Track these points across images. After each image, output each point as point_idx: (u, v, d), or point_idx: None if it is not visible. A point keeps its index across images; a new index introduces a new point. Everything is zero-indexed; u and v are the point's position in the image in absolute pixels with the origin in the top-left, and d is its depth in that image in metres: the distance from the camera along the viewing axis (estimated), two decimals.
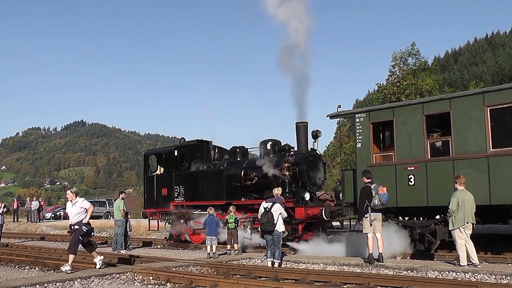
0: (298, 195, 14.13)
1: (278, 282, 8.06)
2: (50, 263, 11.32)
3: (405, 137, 11.83)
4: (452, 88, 49.27)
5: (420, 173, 11.41)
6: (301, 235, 13.97)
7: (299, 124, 14.87)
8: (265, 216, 10.03)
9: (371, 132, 12.41)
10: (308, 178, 14.50)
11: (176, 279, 8.55)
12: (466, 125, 10.95)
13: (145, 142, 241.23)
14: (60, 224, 28.34)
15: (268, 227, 9.99)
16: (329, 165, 42.91)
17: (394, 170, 11.83)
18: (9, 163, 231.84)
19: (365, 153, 12.41)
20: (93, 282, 8.42)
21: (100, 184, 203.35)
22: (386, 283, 7.74)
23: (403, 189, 11.58)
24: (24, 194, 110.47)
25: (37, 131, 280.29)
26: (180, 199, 17.06)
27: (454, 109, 11.16)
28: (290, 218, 13.89)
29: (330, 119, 13.09)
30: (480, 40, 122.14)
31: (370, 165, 12.15)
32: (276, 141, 15.70)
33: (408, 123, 11.81)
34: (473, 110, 10.90)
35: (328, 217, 13.48)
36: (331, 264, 10.27)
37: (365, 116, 12.49)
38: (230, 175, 15.72)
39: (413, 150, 11.66)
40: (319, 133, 14.74)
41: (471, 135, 10.86)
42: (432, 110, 11.58)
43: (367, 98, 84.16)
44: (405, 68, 30.91)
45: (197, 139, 18.14)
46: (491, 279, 8.14)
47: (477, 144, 10.75)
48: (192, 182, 16.77)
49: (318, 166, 15.07)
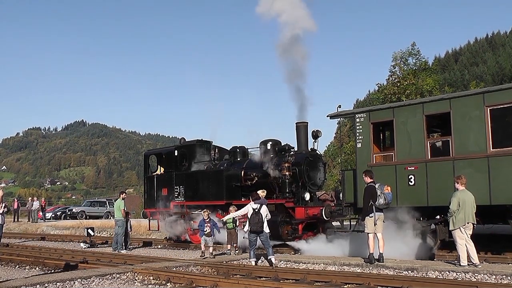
0: (298, 195, 14.14)
1: (278, 282, 8.05)
2: (51, 263, 11.34)
3: (405, 137, 11.82)
4: (453, 88, 49.25)
5: (420, 173, 11.40)
6: (301, 235, 13.97)
7: (299, 124, 14.89)
8: (256, 217, 10.36)
9: (371, 132, 12.40)
10: (308, 178, 14.51)
11: (177, 279, 8.55)
12: (466, 125, 10.93)
13: (146, 142, 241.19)
14: (60, 224, 28.39)
15: (258, 228, 10.37)
16: (330, 165, 42.93)
17: (394, 170, 11.81)
18: (9, 163, 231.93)
19: (365, 153, 12.40)
20: (93, 282, 8.43)
21: (100, 184, 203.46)
22: (387, 283, 7.74)
23: (403, 189, 11.57)
24: (24, 194, 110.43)
25: (37, 131, 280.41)
26: (181, 199, 17.08)
27: (454, 109, 11.15)
28: (290, 218, 13.93)
29: (331, 119, 13.09)
30: (481, 40, 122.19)
31: (370, 165, 12.14)
32: (276, 141, 15.71)
33: (408, 123, 11.79)
34: (473, 110, 10.89)
35: (328, 217, 13.47)
36: (331, 264, 10.26)
37: (365, 116, 12.48)
38: (230, 175, 15.72)
39: (413, 150, 11.64)
40: (319, 133, 14.75)
41: (471, 135, 10.85)
42: (432, 110, 11.57)
43: (368, 98, 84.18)
44: (405, 68, 30.90)
45: (197, 139, 18.16)
46: (492, 279, 8.14)
47: (477, 144, 10.73)
48: (192, 182, 16.78)
49: (318, 166, 15.08)
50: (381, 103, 27.03)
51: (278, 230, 13.65)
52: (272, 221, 13.86)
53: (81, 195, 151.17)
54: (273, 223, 13.82)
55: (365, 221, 9.99)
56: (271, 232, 13.86)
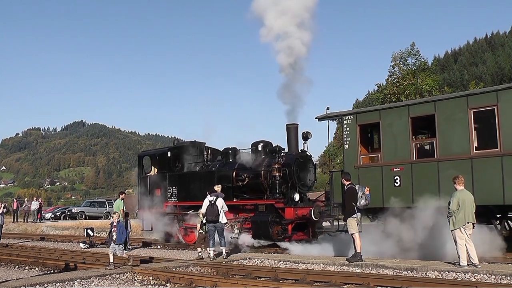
0: (288, 196, 14.31)
1: (278, 282, 8.10)
2: (50, 263, 11.35)
3: (391, 139, 12.03)
4: (452, 88, 49.18)
5: (405, 174, 11.60)
6: (291, 235, 14.15)
7: (290, 126, 15.07)
8: (212, 208, 11.49)
9: (358, 134, 12.60)
10: (298, 179, 14.68)
11: (176, 279, 8.57)
12: (451, 127, 11.14)
13: (145, 142, 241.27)
14: (60, 225, 28.43)
15: (213, 218, 11.44)
16: (329, 165, 43.01)
17: (380, 171, 12.02)
18: (9, 163, 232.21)
19: (352, 155, 12.61)
20: (93, 283, 8.48)
21: (100, 185, 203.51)
22: (386, 283, 7.78)
23: (389, 190, 11.76)
24: (24, 194, 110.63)
25: (37, 132, 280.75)
26: (174, 200, 17.27)
27: (439, 111, 11.36)
28: (280, 218, 14.11)
29: (319, 121, 13.28)
30: (480, 40, 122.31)
31: (357, 166, 12.35)
32: (267, 143, 15.90)
33: (394, 125, 12.01)
34: (457, 112, 11.10)
35: (317, 217, 13.65)
36: (331, 264, 10.31)
37: (352, 118, 12.69)
38: (222, 176, 15.89)
39: (399, 151, 11.85)
40: (309, 134, 14.92)
41: (455, 137, 11.06)
42: (418, 112, 11.78)
43: (367, 98, 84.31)
44: (405, 68, 30.84)
45: (190, 140, 18.34)
46: (491, 279, 8.15)
47: (461, 146, 10.94)
48: (185, 183, 16.97)
49: (308, 167, 15.24)
50: (381, 103, 27.19)
51: (268, 230, 13.85)
52: (262, 221, 14.14)
53: (81, 196, 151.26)
54: (263, 223, 14.09)
55: (348, 222, 10.19)
56: (261, 232, 14.14)
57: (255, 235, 14.33)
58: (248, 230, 14.75)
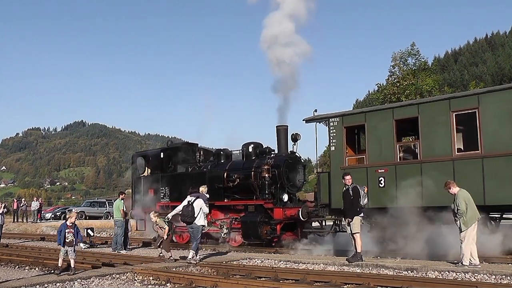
0: (277, 196, 14.54)
1: (278, 282, 8.11)
2: (50, 264, 11.19)
3: (376, 141, 12.25)
4: (452, 88, 49.12)
5: (389, 176, 11.82)
6: (279, 235, 14.39)
7: (279, 128, 15.36)
8: (186, 208, 10.90)
9: (345, 135, 12.83)
10: (287, 180, 14.93)
11: (176, 279, 8.56)
12: (433, 129, 11.36)
13: (145, 142, 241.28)
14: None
15: (187, 219, 10.85)
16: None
17: (366, 173, 12.25)
18: (9, 163, 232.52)
19: (339, 156, 12.84)
20: (93, 283, 8.49)
21: (100, 185, 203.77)
22: (386, 283, 7.79)
23: (374, 191, 11.99)
24: (24, 194, 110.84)
25: (37, 132, 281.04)
26: (166, 200, 17.51)
27: (422, 114, 11.58)
28: (269, 218, 14.35)
29: (306, 123, 13.51)
30: (480, 40, 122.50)
31: (343, 167, 12.57)
32: (257, 144, 16.16)
33: (379, 127, 12.23)
34: (439, 115, 11.31)
35: (305, 218, 13.88)
36: (331, 264, 10.35)
37: (338, 121, 12.91)
38: (214, 177, 16.12)
39: (383, 153, 12.07)
40: (299, 136, 15.17)
41: (438, 139, 11.26)
42: (402, 115, 12.00)
43: (367, 98, 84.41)
44: (405, 68, 31.00)
45: (183, 142, 18.58)
46: (491, 279, 8.18)
47: (443, 148, 11.14)
48: (177, 183, 17.19)
49: (298, 168, 15.50)
50: (381, 103, 27.35)
51: (257, 230, 14.10)
52: (252, 221, 14.37)
53: (81, 196, 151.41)
54: (252, 223, 14.32)
55: (354, 221, 10.26)
56: (251, 232, 14.36)
57: (245, 235, 14.58)
58: (238, 230, 15.00)
